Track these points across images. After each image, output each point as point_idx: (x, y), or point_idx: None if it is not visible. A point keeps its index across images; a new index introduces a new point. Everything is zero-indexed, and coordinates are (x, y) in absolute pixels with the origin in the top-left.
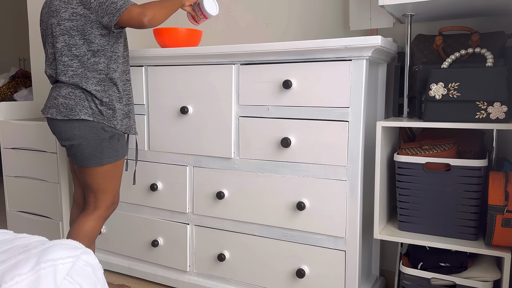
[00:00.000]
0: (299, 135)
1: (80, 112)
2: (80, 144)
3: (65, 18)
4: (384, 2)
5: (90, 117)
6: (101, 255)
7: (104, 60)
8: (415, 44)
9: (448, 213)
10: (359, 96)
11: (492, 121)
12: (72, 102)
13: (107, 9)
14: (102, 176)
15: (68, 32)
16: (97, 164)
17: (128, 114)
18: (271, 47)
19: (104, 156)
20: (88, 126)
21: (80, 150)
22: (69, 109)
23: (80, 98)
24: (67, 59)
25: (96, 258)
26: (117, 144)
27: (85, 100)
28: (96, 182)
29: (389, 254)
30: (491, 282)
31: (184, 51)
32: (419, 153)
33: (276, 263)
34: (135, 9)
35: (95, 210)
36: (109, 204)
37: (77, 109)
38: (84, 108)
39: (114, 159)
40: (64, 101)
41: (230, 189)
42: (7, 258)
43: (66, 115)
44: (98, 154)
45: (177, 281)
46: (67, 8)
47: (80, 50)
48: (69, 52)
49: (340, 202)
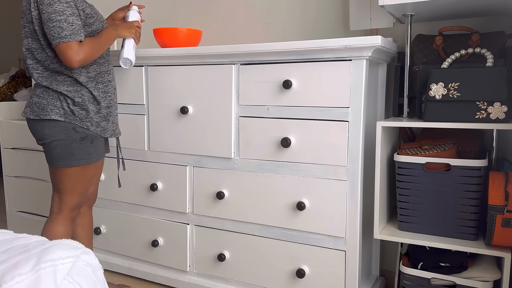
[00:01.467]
0: (299, 135)
1: (51, 112)
2: (50, 143)
3: (28, 21)
4: (384, 2)
5: (61, 117)
6: (101, 255)
7: (65, 67)
8: (415, 44)
9: (448, 213)
10: (359, 96)
11: (492, 121)
12: (44, 101)
13: (52, 28)
14: (70, 178)
15: (32, 35)
16: (66, 166)
17: (107, 117)
18: (271, 47)
19: (74, 158)
20: (59, 126)
21: (49, 150)
22: (41, 108)
23: (52, 97)
24: (31, 62)
25: (96, 258)
26: (90, 146)
27: (57, 99)
28: (62, 183)
29: (389, 254)
30: (491, 282)
31: (184, 51)
32: (419, 153)
33: (276, 263)
34: (74, 48)
35: (58, 213)
36: (73, 206)
37: (48, 108)
38: (56, 107)
39: (84, 162)
40: (37, 100)
41: (230, 189)
42: (7, 258)
43: (37, 115)
44: (67, 155)
45: (177, 281)
46: (30, 11)
47: (42, 55)
48: (31, 55)
49: (340, 202)
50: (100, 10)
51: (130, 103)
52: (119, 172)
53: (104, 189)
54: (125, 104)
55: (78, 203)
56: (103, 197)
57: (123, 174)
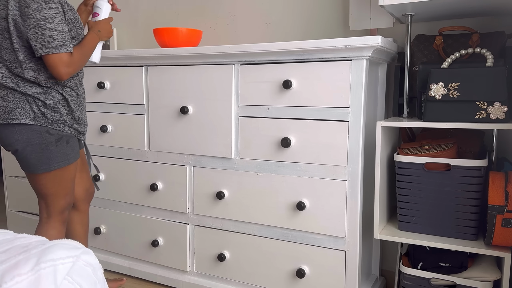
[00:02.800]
0: (299, 135)
1: (20, 115)
2: (24, 149)
3: (1, 17)
4: (384, 2)
5: (32, 121)
6: (101, 255)
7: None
8: (415, 44)
9: (448, 213)
10: (359, 96)
11: (492, 121)
12: (10, 104)
13: (41, 37)
14: (52, 182)
15: (2, 33)
16: (45, 170)
17: (78, 121)
18: (271, 47)
19: (52, 161)
20: (31, 130)
21: (24, 156)
22: (8, 112)
23: (20, 100)
24: None
25: (96, 258)
26: (66, 147)
27: (25, 102)
28: (45, 188)
29: (389, 254)
30: (491, 282)
31: (184, 51)
32: (419, 153)
33: (276, 263)
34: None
35: (48, 218)
36: (61, 208)
37: (17, 112)
38: (25, 111)
39: (64, 164)
40: (2, 103)
41: (230, 189)
42: (7, 258)
43: (4, 119)
44: (45, 159)
45: (177, 281)
46: (7, 8)
47: (9, 56)
48: None
49: (340, 202)
50: None
51: (130, 103)
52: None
53: (104, 189)
54: (125, 104)
55: (66, 205)
56: (103, 197)
57: (123, 174)
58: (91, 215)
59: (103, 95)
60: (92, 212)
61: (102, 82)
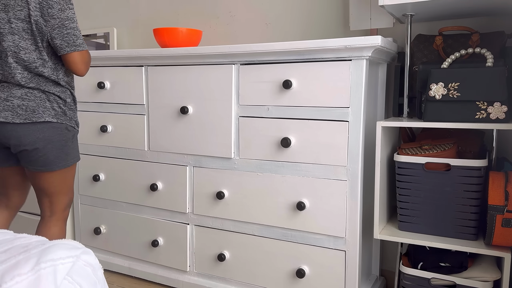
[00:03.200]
0: (299, 135)
1: (44, 113)
2: (45, 147)
3: (19, 18)
4: (384, 2)
5: (54, 119)
6: (101, 255)
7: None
8: (415, 44)
9: (448, 213)
10: (359, 96)
11: (492, 121)
12: (32, 103)
13: (66, 36)
14: (62, 179)
15: (21, 33)
16: (63, 166)
17: None
18: (271, 47)
19: (69, 158)
20: (52, 128)
21: (44, 154)
22: (30, 111)
23: (41, 98)
24: (12, 61)
25: (96, 258)
26: (76, 143)
27: (46, 100)
28: (53, 185)
29: (389, 254)
30: (491, 282)
31: (184, 51)
32: (419, 153)
33: (276, 263)
34: (86, 56)
35: (52, 216)
36: (65, 205)
37: (40, 110)
38: (47, 109)
39: (77, 159)
40: (21, 103)
41: (230, 189)
42: (7, 258)
43: (27, 118)
44: (63, 156)
45: (177, 281)
46: (28, 9)
47: (30, 56)
48: (15, 54)
49: (340, 202)
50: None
51: (130, 103)
52: None
53: (104, 189)
54: (125, 104)
55: (69, 202)
56: (103, 197)
57: (123, 174)
58: (91, 215)
59: (103, 95)
60: (92, 212)
61: (102, 82)
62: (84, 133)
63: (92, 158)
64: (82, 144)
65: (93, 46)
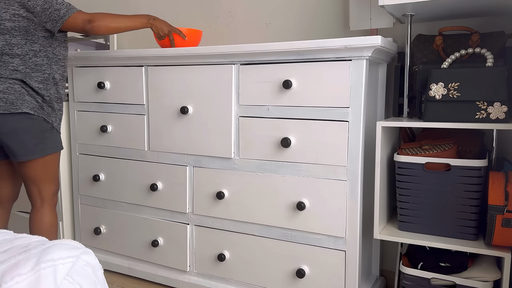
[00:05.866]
0: (299, 135)
1: (22, 105)
2: (23, 136)
3: (5, 19)
4: (384, 2)
5: (31, 111)
6: (101, 255)
7: (46, 61)
8: (415, 44)
9: (448, 213)
10: (359, 96)
11: (492, 121)
12: (11, 96)
13: (50, 15)
14: (45, 167)
15: (9, 32)
16: (42, 154)
17: (61, 118)
18: (271, 47)
19: (48, 146)
20: (30, 119)
21: (22, 142)
22: (10, 103)
23: (20, 93)
24: (7, 57)
25: (96, 258)
26: (57, 135)
27: (25, 94)
28: (38, 173)
29: (389, 254)
30: (491, 282)
31: (184, 51)
32: (419, 153)
33: (276, 263)
34: (80, 16)
35: (42, 203)
36: (53, 192)
37: (18, 103)
38: (26, 102)
39: (55, 150)
40: (2, 96)
41: (230, 189)
42: (7, 258)
43: (6, 109)
44: (41, 144)
45: (177, 281)
46: (7, 9)
47: (22, 49)
48: (10, 50)
49: (340, 202)
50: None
51: (130, 103)
52: None
53: (104, 189)
54: (125, 104)
55: (56, 189)
56: (103, 197)
57: (123, 174)
58: (91, 215)
59: (103, 95)
60: (92, 212)
61: (102, 82)
62: (84, 133)
63: (92, 158)
64: (82, 144)
65: (93, 46)
